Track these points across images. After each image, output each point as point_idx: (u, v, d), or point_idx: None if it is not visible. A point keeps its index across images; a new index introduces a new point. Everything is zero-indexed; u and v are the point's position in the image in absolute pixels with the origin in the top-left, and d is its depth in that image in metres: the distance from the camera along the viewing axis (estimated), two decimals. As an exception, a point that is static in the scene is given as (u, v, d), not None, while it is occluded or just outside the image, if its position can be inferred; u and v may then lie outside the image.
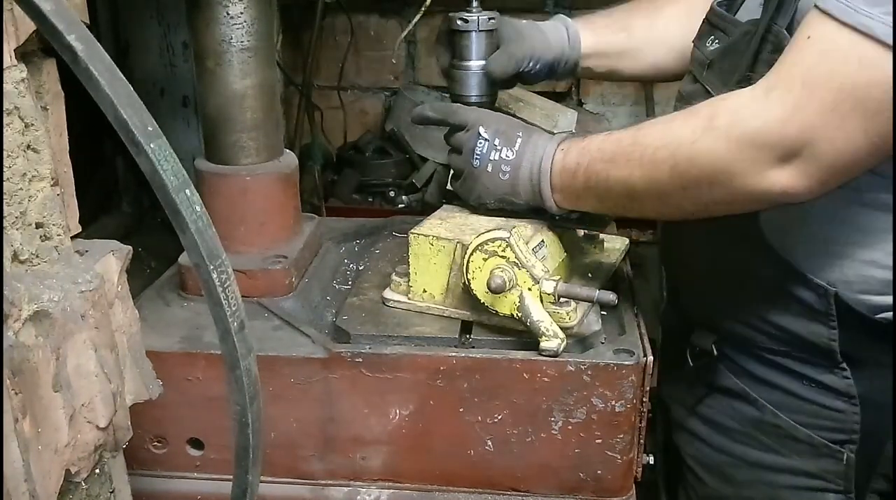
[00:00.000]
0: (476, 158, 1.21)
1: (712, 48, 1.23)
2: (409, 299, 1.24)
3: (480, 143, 1.21)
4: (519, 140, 1.20)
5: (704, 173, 1.03)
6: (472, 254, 1.13)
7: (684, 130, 1.04)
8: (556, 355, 1.10)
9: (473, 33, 1.32)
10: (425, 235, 1.21)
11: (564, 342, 1.10)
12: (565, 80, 1.46)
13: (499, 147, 1.20)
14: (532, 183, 1.19)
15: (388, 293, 1.26)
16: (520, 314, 1.12)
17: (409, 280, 1.24)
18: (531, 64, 1.34)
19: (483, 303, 1.14)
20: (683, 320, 1.35)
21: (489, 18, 1.32)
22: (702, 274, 1.29)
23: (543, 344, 1.10)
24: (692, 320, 1.32)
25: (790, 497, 1.24)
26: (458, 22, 1.32)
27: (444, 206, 1.35)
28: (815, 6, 0.97)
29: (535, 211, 1.25)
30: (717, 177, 1.02)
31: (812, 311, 1.15)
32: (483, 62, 1.34)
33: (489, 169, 1.21)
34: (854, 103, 0.93)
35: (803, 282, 1.14)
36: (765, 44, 1.08)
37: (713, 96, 1.16)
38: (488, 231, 1.13)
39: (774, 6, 1.07)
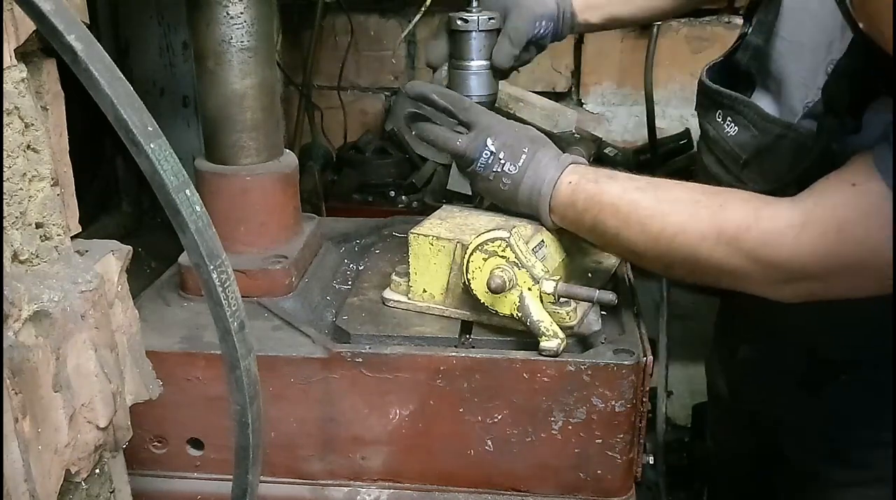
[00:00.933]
0: (479, 166, 1.21)
1: (733, 134, 1.24)
2: (409, 299, 1.24)
3: (486, 153, 1.20)
4: (524, 156, 1.19)
5: (717, 274, 1.08)
6: (472, 254, 1.13)
7: (709, 231, 1.06)
8: (556, 355, 1.10)
9: (473, 33, 1.32)
10: (425, 235, 1.21)
11: (564, 342, 1.10)
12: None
13: (502, 161, 1.19)
14: (531, 200, 1.19)
15: (388, 293, 1.26)
16: (520, 314, 1.12)
17: (409, 280, 1.24)
18: (540, 25, 1.34)
19: (483, 303, 1.14)
20: (785, 350, 1.36)
21: (489, 18, 1.32)
22: (811, 321, 1.27)
23: (543, 344, 1.10)
24: (802, 357, 1.33)
25: None
26: (458, 22, 1.32)
27: (444, 206, 1.35)
28: (872, 156, 0.97)
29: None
30: (728, 279, 1.08)
31: None
32: (483, 62, 1.34)
33: (490, 178, 1.21)
34: (883, 264, 0.96)
35: None
36: (808, 154, 1.09)
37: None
38: (488, 231, 1.13)
39: (834, 127, 1.06)
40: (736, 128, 1.24)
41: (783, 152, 1.15)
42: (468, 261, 1.13)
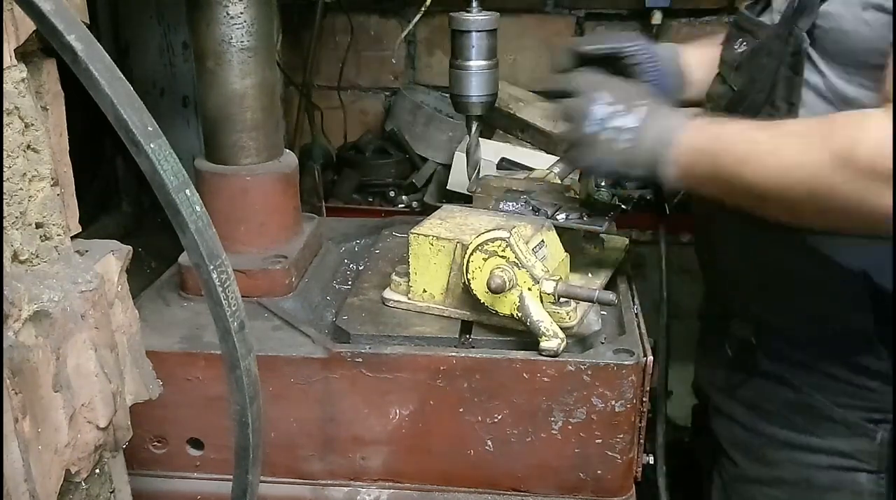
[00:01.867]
0: (594, 124, 1.15)
1: (741, 50, 1.25)
2: (409, 299, 1.24)
3: (600, 108, 1.15)
4: (644, 108, 1.15)
5: (841, 202, 1.01)
6: (472, 254, 1.13)
7: (823, 155, 1.01)
8: (556, 355, 1.10)
9: (473, 33, 1.32)
10: (425, 235, 1.21)
11: (564, 342, 1.10)
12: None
13: (623, 113, 1.15)
14: (654, 151, 1.13)
15: (388, 293, 1.26)
16: (520, 314, 1.11)
17: (409, 280, 1.24)
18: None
19: (483, 303, 1.14)
20: (721, 311, 1.37)
21: (489, 18, 1.32)
22: (740, 270, 1.29)
23: (543, 344, 1.10)
24: (730, 312, 1.33)
25: (822, 477, 1.26)
26: (459, 22, 1.32)
27: (444, 206, 1.35)
28: None
29: (536, 211, 1.25)
30: (859, 209, 1.01)
31: (851, 299, 1.16)
32: (483, 62, 1.34)
33: (604, 136, 1.15)
34: None
35: (842, 273, 1.15)
36: (787, 46, 1.10)
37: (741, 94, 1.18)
38: (488, 231, 1.13)
39: (793, 9, 1.09)
40: (746, 45, 1.25)
41: (773, 49, 1.15)
42: (468, 261, 1.13)
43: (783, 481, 1.30)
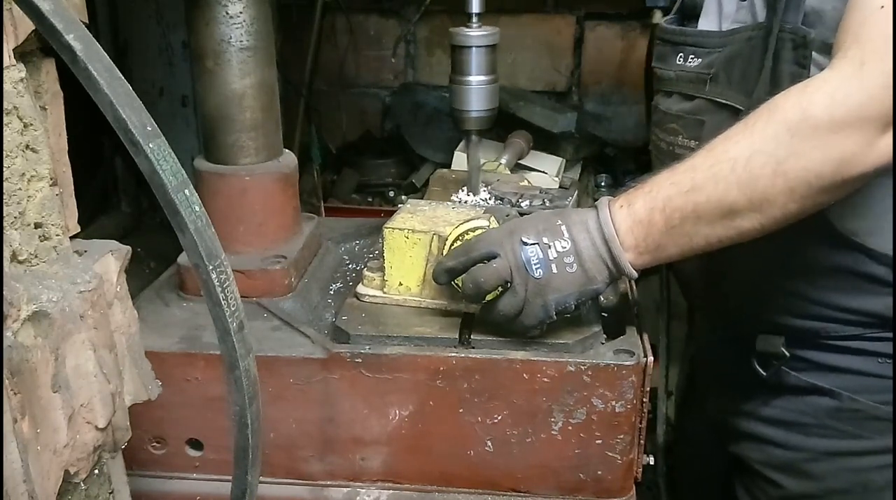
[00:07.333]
0: (537, 268, 1.07)
1: (695, 64, 1.24)
2: (384, 293, 1.24)
3: (531, 250, 1.07)
4: (562, 226, 1.08)
5: (813, 165, 0.98)
6: (453, 243, 1.14)
7: (775, 129, 0.99)
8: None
9: (473, 49, 1.32)
10: (400, 229, 1.20)
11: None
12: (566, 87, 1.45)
13: (549, 243, 1.07)
14: (602, 257, 1.07)
15: (361, 289, 1.25)
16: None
17: (383, 274, 1.23)
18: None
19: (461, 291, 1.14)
20: (738, 334, 1.33)
21: (489, 34, 1.32)
22: (762, 281, 1.25)
23: None
24: (752, 330, 1.29)
25: (877, 478, 1.24)
26: (459, 37, 1.32)
27: (409, 200, 1.34)
28: None
29: (500, 200, 1.24)
30: (828, 163, 0.98)
31: (884, 285, 1.15)
32: (483, 77, 1.34)
33: (555, 269, 1.07)
34: None
35: (872, 257, 1.14)
36: (783, 43, 1.10)
37: (732, 106, 1.17)
38: (468, 220, 1.14)
39: (783, 7, 1.09)
40: (698, 59, 1.23)
41: (755, 51, 1.14)
42: (450, 250, 1.14)
43: (836, 491, 1.27)
